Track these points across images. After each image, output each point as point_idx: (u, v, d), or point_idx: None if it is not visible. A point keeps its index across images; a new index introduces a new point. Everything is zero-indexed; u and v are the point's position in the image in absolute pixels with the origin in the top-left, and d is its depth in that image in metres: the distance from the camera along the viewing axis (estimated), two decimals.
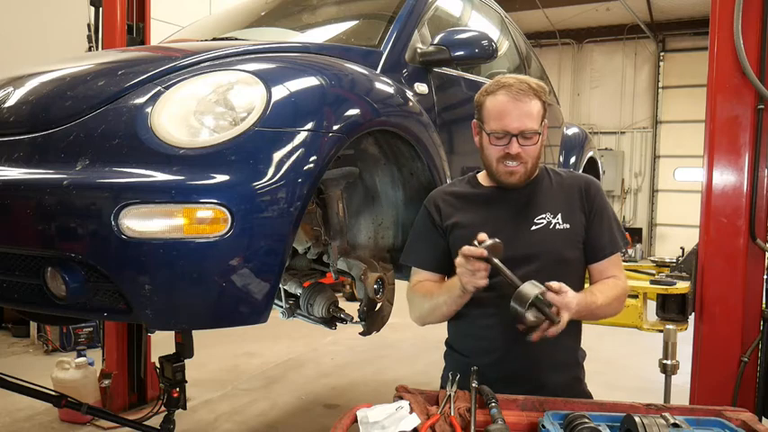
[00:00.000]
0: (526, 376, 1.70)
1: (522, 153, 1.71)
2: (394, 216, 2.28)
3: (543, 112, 1.74)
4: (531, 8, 11.25)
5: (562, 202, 1.78)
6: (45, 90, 1.82)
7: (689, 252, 2.95)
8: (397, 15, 2.47)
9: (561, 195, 1.79)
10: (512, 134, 1.69)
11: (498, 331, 1.71)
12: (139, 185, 1.49)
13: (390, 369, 4.88)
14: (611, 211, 1.82)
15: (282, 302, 2.23)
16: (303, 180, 1.60)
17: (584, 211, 1.77)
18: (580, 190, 1.79)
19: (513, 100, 1.70)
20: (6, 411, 3.72)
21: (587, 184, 1.82)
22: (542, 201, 1.78)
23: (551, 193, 1.79)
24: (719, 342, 2.44)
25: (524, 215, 1.76)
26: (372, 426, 1.27)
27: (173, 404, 2.54)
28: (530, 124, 1.70)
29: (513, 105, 1.70)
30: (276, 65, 1.86)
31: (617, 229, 1.80)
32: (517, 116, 1.69)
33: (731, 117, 2.39)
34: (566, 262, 1.74)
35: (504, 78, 1.76)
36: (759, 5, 2.35)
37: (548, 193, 1.80)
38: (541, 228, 1.74)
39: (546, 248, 1.73)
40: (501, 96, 1.71)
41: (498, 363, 1.71)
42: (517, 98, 1.70)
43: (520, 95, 1.70)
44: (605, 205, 1.81)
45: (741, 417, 1.34)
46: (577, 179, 1.85)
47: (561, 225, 1.74)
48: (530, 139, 1.71)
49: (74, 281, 1.51)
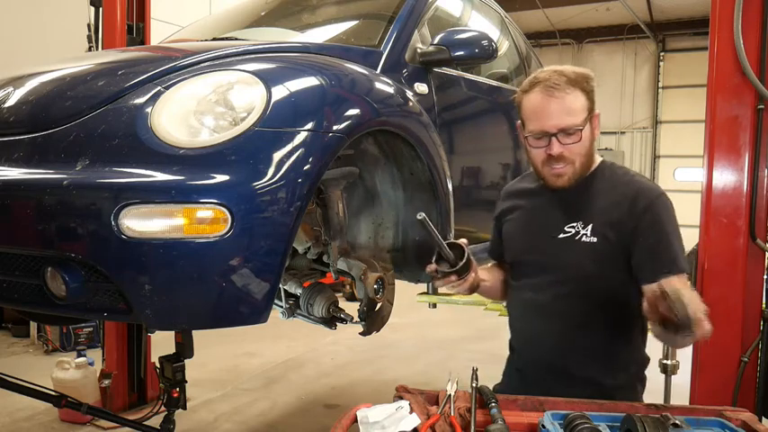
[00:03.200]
0: (559, 368, 1.64)
1: (566, 152, 1.58)
2: (394, 216, 2.28)
3: (588, 102, 1.59)
4: (531, 8, 11.26)
5: (601, 211, 1.60)
6: (45, 90, 1.82)
7: (689, 252, 2.94)
8: (397, 15, 2.47)
9: (604, 204, 1.61)
10: (550, 133, 1.57)
11: (526, 321, 1.76)
12: (139, 185, 1.49)
13: (390, 369, 4.88)
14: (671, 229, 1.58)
15: (282, 302, 2.23)
16: (303, 180, 1.60)
17: (626, 226, 1.56)
18: (629, 201, 1.58)
19: (547, 96, 1.57)
20: (6, 411, 3.73)
21: (638, 193, 1.58)
22: (582, 207, 1.63)
23: (595, 200, 1.62)
24: (719, 342, 2.44)
25: (559, 220, 1.64)
26: (372, 426, 1.27)
27: (173, 404, 2.53)
28: (569, 120, 1.56)
29: (548, 102, 1.57)
30: (276, 65, 1.86)
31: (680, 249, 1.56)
32: (553, 113, 1.56)
33: (731, 117, 2.39)
34: (591, 278, 1.59)
35: (539, 73, 1.63)
36: (759, 5, 2.35)
37: (593, 198, 1.63)
38: (568, 237, 1.62)
39: (569, 261, 1.61)
40: (535, 94, 1.59)
41: (533, 352, 1.73)
42: (551, 94, 1.57)
43: (554, 90, 1.56)
44: (660, 222, 1.56)
45: (741, 417, 1.34)
46: (631, 186, 1.61)
47: (588, 238, 1.59)
48: (572, 136, 1.57)
49: (74, 281, 1.51)
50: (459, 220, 2.31)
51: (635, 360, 1.69)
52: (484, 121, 3.10)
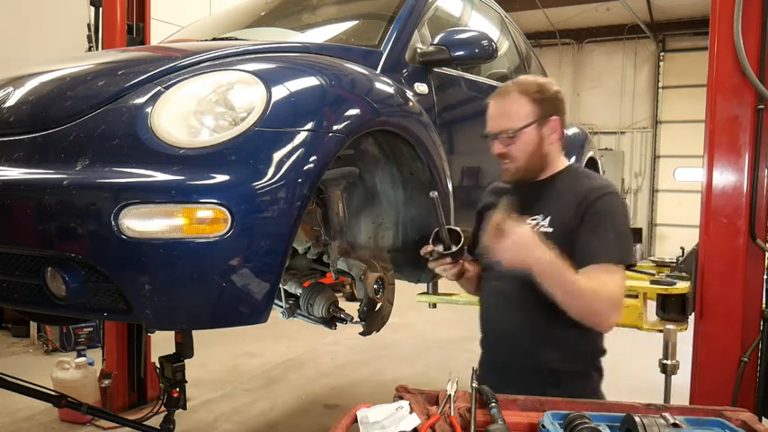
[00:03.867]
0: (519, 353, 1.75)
1: (508, 152, 1.75)
2: (394, 216, 2.28)
3: (536, 109, 1.72)
4: (531, 8, 11.25)
5: (559, 205, 1.72)
6: (45, 90, 1.82)
7: (689, 252, 2.94)
8: (397, 15, 2.46)
9: (563, 199, 1.73)
10: (491, 135, 1.77)
11: (492, 308, 1.86)
12: (139, 185, 1.49)
13: (390, 369, 4.89)
14: (617, 222, 1.67)
15: (282, 302, 2.23)
16: (303, 180, 1.60)
17: (575, 219, 1.67)
18: (582, 195, 1.70)
19: (494, 102, 1.79)
20: (6, 411, 3.73)
21: (591, 190, 1.70)
22: (544, 202, 1.75)
23: (556, 196, 1.75)
24: (719, 342, 2.44)
25: (523, 213, 1.72)
26: (372, 426, 1.27)
27: (173, 404, 2.53)
28: (506, 124, 1.73)
29: (494, 107, 1.78)
30: (276, 65, 1.86)
31: (615, 241, 1.65)
32: (495, 116, 1.77)
33: (731, 117, 2.40)
34: None
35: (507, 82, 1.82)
36: (759, 5, 2.35)
37: (553, 194, 1.76)
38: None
39: None
40: (490, 100, 1.81)
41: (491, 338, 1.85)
42: (497, 100, 1.78)
43: (499, 97, 1.77)
44: (606, 213, 1.67)
45: (741, 417, 1.34)
46: (585, 185, 1.73)
47: (546, 229, 1.70)
48: (512, 138, 1.73)
49: (74, 281, 1.51)
50: (460, 220, 2.31)
51: (591, 349, 1.77)
52: (484, 122, 3.10)
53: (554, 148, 1.79)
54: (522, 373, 1.70)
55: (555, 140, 1.78)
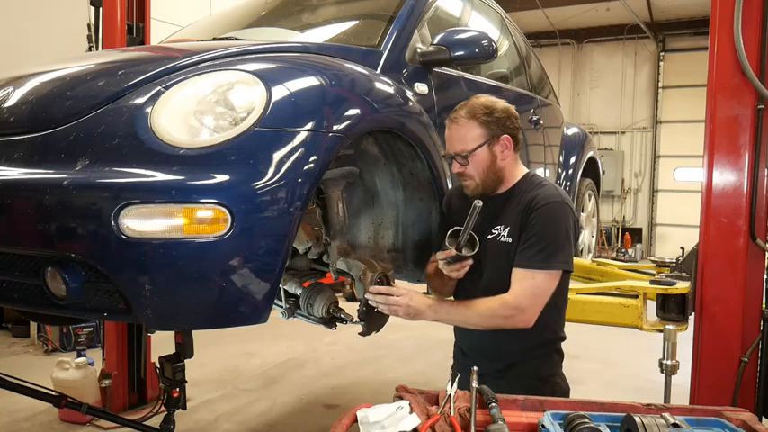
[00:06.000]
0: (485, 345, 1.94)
1: (465, 171, 1.90)
2: (394, 216, 2.28)
3: (484, 131, 1.86)
4: (531, 8, 11.26)
5: (514, 216, 1.87)
6: (45, 90, 1.82)
7: (689, 252, 2.94)
8: (397, 15, 2.46)
9: (516, 210, 1.87)
10: (449, 156, 1.93)
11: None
12: (139, 185, 1.49)
13: (390, 369, 4.89)
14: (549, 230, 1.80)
15: (282, 302, 2.23)
16: (303, 180, 1.60)
17: (522, 224, 1.84)
18: (525, 204, 1.85)
19: (448, 126, 1.93)
20: (6, 411, 3.73)
21: (532, 201, 1.84)
22: (504, 213, 1.90)
23: (512, 207, 1.89)
24: (719, 342, 2.44)
25: (487, 223, 1.89)
26: (372, 426, 1.27)
27: (173, 404, 2.53)
28: (459, 147, 1.88)
29: (449, 131, 1.93)
30: (276, 65, 1.86)
31: (541, 249, 1.78)
32: (450, 139, 1.92)
33: (731, 117, 2.39)
34: (507, 275, 1.83)
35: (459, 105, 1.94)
36: (759, 5, 2.34)
37: (511, 205, 1.90)
38: (493, 238, 1.89)
39: (492, 259, 1.88)
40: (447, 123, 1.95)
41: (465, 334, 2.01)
42: (449, 125, 1.92)
43: (452, 122, 1.91)
44: (540, 223, 1.80)
45: (741, 417, 1.34)
46: (531, 194, 1.86)
47: (505, 238, 1.87)
48: (465, 159, 1.88)
49: (74, 281, 1.51)
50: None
51: (550, 337, 1.96)
52: None
53: (508, 163, 1.92)
54: (492, 361, 1.89)
55: (508, 156, 1.91)
